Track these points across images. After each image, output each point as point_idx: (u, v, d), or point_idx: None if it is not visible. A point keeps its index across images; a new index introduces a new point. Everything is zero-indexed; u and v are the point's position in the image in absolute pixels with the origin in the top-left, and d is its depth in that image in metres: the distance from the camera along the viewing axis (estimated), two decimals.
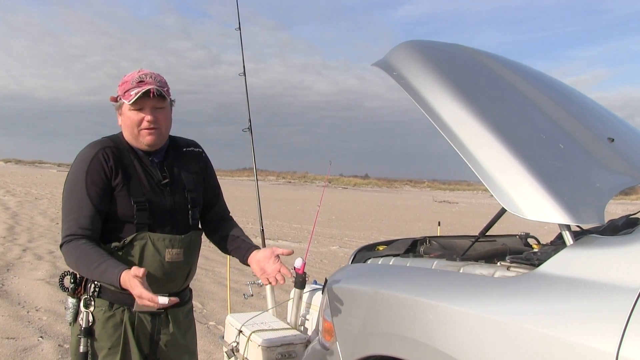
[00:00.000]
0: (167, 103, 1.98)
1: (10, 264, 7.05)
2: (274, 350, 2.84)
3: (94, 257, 1.81)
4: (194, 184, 2.10)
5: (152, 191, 1.97)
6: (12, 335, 4.34)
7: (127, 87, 1.92)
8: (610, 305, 1.19)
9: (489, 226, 2.12)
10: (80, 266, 1.84)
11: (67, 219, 1.88)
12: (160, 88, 1.91)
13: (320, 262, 8.97)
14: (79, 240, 1.84)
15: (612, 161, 1.75)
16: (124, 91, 1.93)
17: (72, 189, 1.91)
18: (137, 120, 1.93)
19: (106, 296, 1.93)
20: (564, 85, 2.33)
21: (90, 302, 1.92)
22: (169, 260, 1.96)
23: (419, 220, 19.13)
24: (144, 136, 1.95)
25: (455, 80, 1.82)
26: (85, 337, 1.91)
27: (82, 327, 1.92)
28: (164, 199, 1.99)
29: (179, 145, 2.13)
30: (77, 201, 1.88)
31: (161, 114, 1.96)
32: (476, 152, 1.58)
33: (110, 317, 1.92)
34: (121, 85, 1.95)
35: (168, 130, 2.03)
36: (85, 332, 1.91)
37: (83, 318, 1.92)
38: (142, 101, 1.90)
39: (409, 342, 1.58)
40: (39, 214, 13.61)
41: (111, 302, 1.92)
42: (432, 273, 1.76)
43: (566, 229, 1.44)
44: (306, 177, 66.03)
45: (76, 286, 1.95)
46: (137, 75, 1.94)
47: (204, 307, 5.59)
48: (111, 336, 1.92)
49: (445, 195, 46.98)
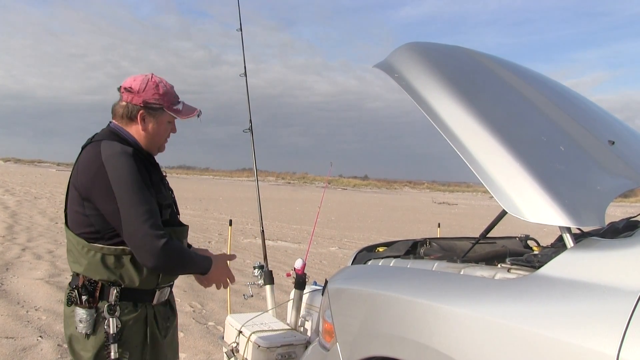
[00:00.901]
0: None
1: (9, 264, 7.05)
2: (274, 351, 2.84)
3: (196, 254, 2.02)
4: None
5: (164, 190, 2.10)
6: (11, 335, 4.34)
7: (172, 100, 2.06)
8: (610, 307, 1.19)
9: (490, 228, 2.13)
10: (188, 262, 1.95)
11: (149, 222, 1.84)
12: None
13: (320, 263, 8.97)
14: (172, 239, 1.90)
15: (613, 164, 1.75)
16: (169, 103, 2.05)
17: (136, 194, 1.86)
18: (168, 132, 2.12)
19: (130, 297, 1.95)
20: (565, 88, 2.34)
21: (115, 307, 1.91)
22: None
23: (418, 222, 19.14)
24: (163, 145, 2.14)
25: (456, 83, 1.82)
26: (115, 344, 1.89)
27: (110, 334, 1.89)
28: (168, 195, 2.13)
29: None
30: (150, 204, 1.88)
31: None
32: (477, 154, 1.58)
33: (137, 316, 1.96)
34: (164, 95, 2.04)
35: None
36: (116, 339, 1.89)
37: (110, 325, 1.89)
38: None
39: (410, 343, 1.58)
40: (38, 213, 13.60)
41: (135, 302, 1.96)
42: (432, 275, 1.76)
43: (567, 231, 1.45)
44: (305, 177, 66.03)
45: (89, 296, 1.91)
46: (171, 87, 2.09)
47: (204, 307, 5.59)
48: (138, 333, 1.96)
49: (444, 197, 47.00)
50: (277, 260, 8.58)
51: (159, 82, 2.04)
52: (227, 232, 4.22)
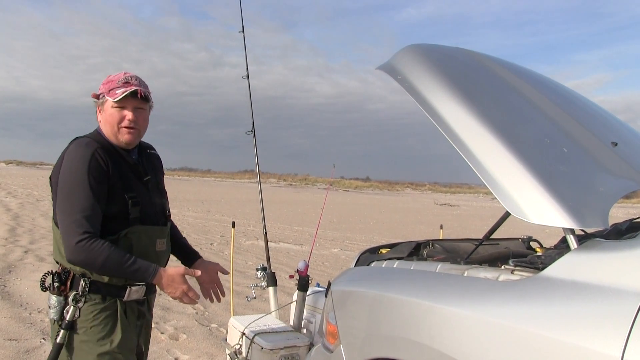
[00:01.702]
0: (147, 106, 2.13)
1: (12, 266, 7.06)
2: (277, 353, 2.84)
3: (123, 257, 1.93)
4: (161, 181, 2.32)
5: (138, 187, 2.10)
6: (15, 337, 4.35)
7: (112, 85, 2.06)
8: (614, 309, 1.19)
9: (493, 230, 2.13)
10: (110, 265, 1.91)
11: (73, 217, 1.92)
12: (145, 91, 2.08)
13: (322, 265, 8.97)
14: (98, 240, 1.91)
15: (616, 165, 1.75)
16: (108, 89, 2.06)
17: (73, 188, 1.95)
18: (118, 117, 2.06)
19: (98, 290, 2.02)
20: (567, 89, 2.34)
21: (81, 297, 2.00)
22: (159, 250, 2.15)
23: (420, 223, 19.13)
24: (123, 134, 2.07)
25: (459, 84, 1.83)
26: (65, 330, 1.99)
27: (65, 320, 1.99)
28: (147, 193, 2.13)
29: (143, 147, 2.28)
30: (82, 200, 1.93)
31: (141, 115, 2.10)
32: (480, 156, 1.59)
33: (103, 309, 2.01)
34: (106, 84, 2.08)
35: (144, 131, 2.17)
36: (67, 326, 1.99)
37: (69, 312, 1.99)
38: (126, 100, 2.04)
39: (413, 345, 1.58)
40: (41, 216, 13.62)
41: (103, 296, 2.02)
42: (436, 276, 1.76)
43: (570, 233, 1.45)
44: (307, 179, 66.01)
45: (60, 284, 2.02)
46: (123, 76, 2.08)
47: (206, 309, 5.59)
48: (103, 328, 2.00)
49: (446, 198, 46.95)
50: (280, 262, 8.58)
51: (112, 75, 2.10)
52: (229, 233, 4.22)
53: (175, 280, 2.00)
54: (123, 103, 2.05)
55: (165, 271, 1.99)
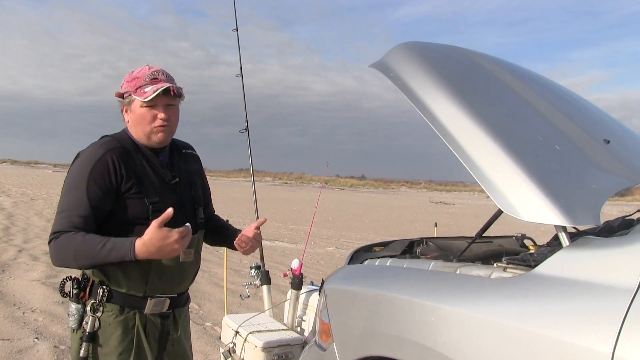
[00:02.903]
0: (178, 101, 1.98)
1: (5, 265, 7.03)
2: (271, 352, 2.84)
3: (95, 240, 1.72)
4: (197, 184, 2.13)
5: (163, 191, 1.94)
6: (7, 337, 4.32)
7: (139, 83, 1.89)
8: (606, 305, 1.20)
9: (486, 227, 2.13)
10: (80, 254, 1.72)
11: (59, 216, 1.80)
12: (177, 86, 1.92)
13: (317, 263, 8.97)
14: (65, 233, 1.75)
15: (608, 162, 1.76)
16: (135, 87, 1.89)
17: (71, 188, 1.83)
18: (150, 117, 1.90)
19: (116, 300, 1.89)
20: (560, 87, 2.34)
21: (99, 307, 1.88)
22: (183, 260, 1.96)
23: (415, 221, 19.16)
24: (155, 133, 1.92)
25: (452, 82, 1.82)
26: (87, 342, 1.86)
27: (86, 332, 1.86)
28: (174, 198, 1.95)
29: (178, 146, 2.13)
30: (74, 199, 1.80)
31: (172, 112, 1.95)
32: (473, 154, 1.59)
33: (122, 321, 1.89)
34: (131, 81, 1.91)
35: (176, 128, 2.02)
36: (89, 337, 1.86)
37: (88, 323, 1.86)
38: (156, 98, 1.88)
39: (406, 343, 1.58)
40: (35, 215, 13.56)
41: (122, 306, 1.89)
42: (429, 274, 1.76)
43: (562, 230, 1.45)
44: (302, 178, 66.01)
45: (79, 291, 1.90)
46: (149, 71, 1.92)
47: (201, 308, 5.58)
48: (122, 341, 1.88)
49: (441, 196, 47.05)
50: (274, 261, 8.57)
51: (135, 70, 1.95)
52: None
53: (156, 236, 1.68)
54: (153, 102, 1.88)
55: (143, 238, 1.70)
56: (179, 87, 1.93)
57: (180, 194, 2.00)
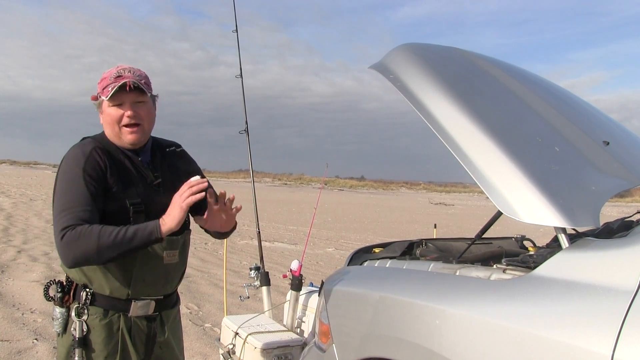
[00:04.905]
0: (147, 97, 1.91)
1: (4, 266, 7.02)
2: (271, 353, 2.84)
3: (114, 228, 1.70)
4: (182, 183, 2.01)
5: (146, 192, 1.91)
6: (7, 338, 4.32)
7: (105, 83, 1.86)
8: (605, 307, 1.20)
9: (486, 229, 2.13)
10: (104, 243, 1.68)
11: (61, 214, 1.73)
12: (137, 81, 1.85)
13: (317, 264, 8.97)
14: (78, 226, 1.70)
15: (608, 164, 1.76)
16: (102, 88, 1.87)
17: (68, 187, 1.78)
18: (117, 116, 1.86)
19: (100, 303, 1.86)
20: (560, 89, 2.34)
21: (83, 310, 1.85)
22: (167, 262, 1.93)
23: (415, 222, 19.15)
24: (125, 134, 1.88)
25: (451, 83, 1.83)
26: (79, 348, 1.83)
27: (75, 338, 1.83)
28: (157, 199, 1.90)
29: (162, 145, 2.08)
30: (74, 196, 1.76)
31: (142, 109, 1.89)
32: (472, 155, 1.59)
33: (106, 325, 1.86)
34: (100, 83, 1.89)
35: (151, 126, 1.96)
36: (80, 343, 1.83)
37: (76, 328, 1.84)
38: (121, 96, 1.84)
39: (405, 344, 1.58)
40: (34, 215, 13.55)
41: (106, 309, 1.86)
42: (428, 275, 1.76)
43: (562, 231, 1.45)
44: (302, 179, 65.99)
45: (64, 295, 1.88)
46: (115, 70, 1.88)
47: (200, 309, 5.57)
48: (107, 344, 1.86)
49: (441, 198, 47.04)
50: (274, 262, 8.57)
51: (106, 71, 1.91)
52: None
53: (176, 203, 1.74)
54: (119, 100, 1.84)
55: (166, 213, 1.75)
56: (138, 81, 1.85)
57: (165, 195, 1.91)
